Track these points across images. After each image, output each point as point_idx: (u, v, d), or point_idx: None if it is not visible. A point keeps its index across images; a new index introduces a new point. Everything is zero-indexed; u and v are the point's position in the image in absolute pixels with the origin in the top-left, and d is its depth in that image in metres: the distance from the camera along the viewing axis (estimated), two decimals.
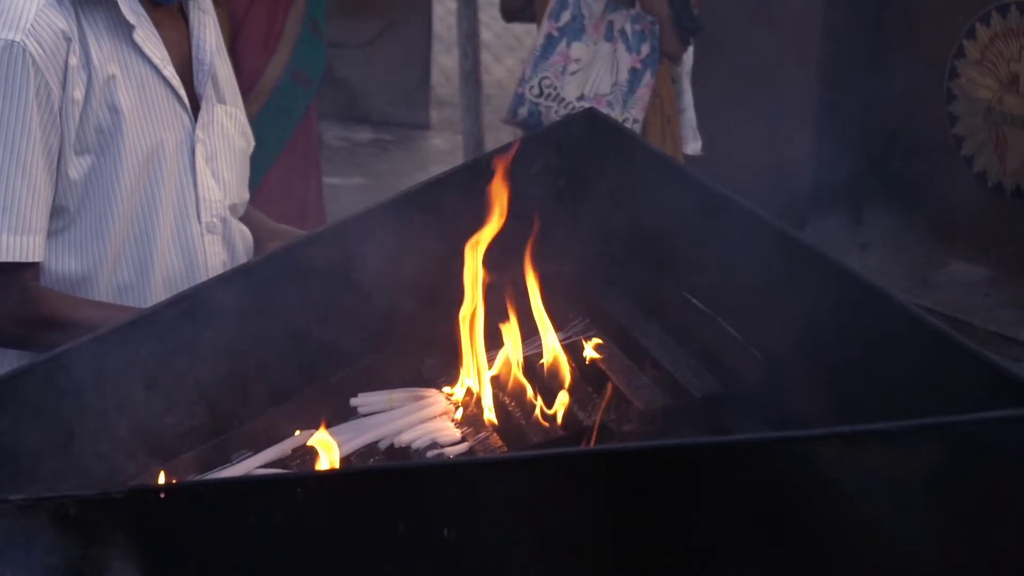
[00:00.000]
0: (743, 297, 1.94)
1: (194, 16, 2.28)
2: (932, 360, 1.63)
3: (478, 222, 1.96)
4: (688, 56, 4.65)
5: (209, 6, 2.33)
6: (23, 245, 2.06)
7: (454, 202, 2.08)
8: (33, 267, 2.10)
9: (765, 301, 1.90)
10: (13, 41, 2.01)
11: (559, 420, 1.90)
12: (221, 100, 2.31)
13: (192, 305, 1.93)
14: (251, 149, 2.41)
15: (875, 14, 5.74)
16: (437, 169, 7.49)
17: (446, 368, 2.08)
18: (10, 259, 2.05)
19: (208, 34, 2.29)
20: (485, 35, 8.05)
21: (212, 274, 2.23)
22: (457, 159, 7.08)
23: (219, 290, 1.97)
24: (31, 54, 2.02)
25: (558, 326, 2.02)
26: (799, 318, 1.85)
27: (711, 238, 1.98)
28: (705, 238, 1.99)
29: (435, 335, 2.08)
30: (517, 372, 1.96)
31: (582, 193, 2.12)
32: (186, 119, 2.22)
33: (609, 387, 1.93)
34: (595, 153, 2.16)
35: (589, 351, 2.02)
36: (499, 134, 6.32)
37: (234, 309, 1.94)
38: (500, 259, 1.95)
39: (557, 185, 2.12)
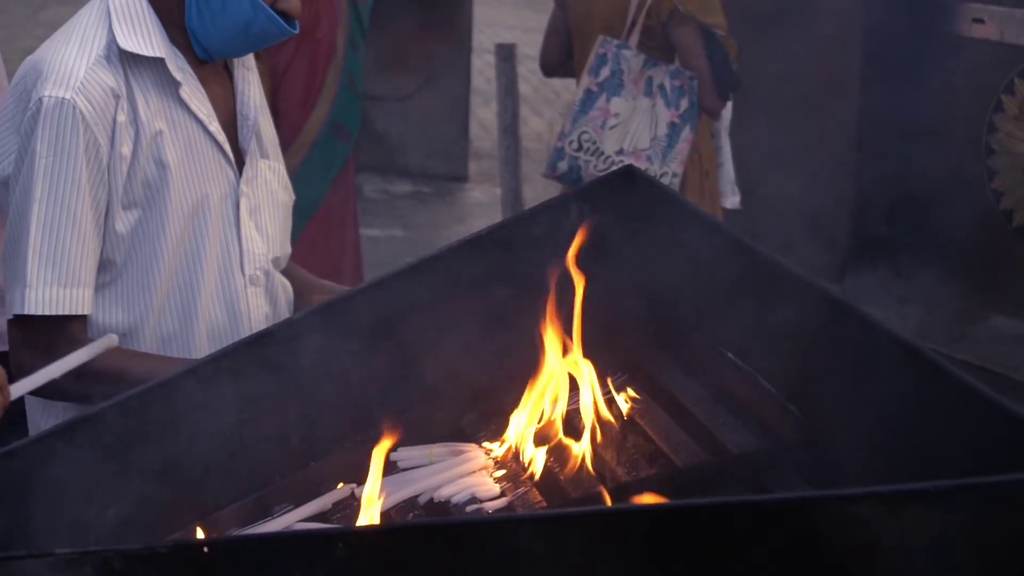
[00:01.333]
0: (781, 354, 1.95)
1: (238, 73, 2.32)
2: (968, 418, 1.63)
3: (519, 279, 1.98)
4: (727, 111, 4.64)
5: (252, 63, 2.37)
6: (72, 298, 2.09)
7: (495, 258, 2.10)
8: (81, 319, 2.13)
9: (803, 359, 1.91)
10: (63, 99, 2.06)
11: (598, 476, 1.91)
12: (264, 155, 2.34)
13: (236, 359, 1.96)
14: (292, 202, 2.44)
15: (914, 66, 5.74)
16: (475, 221, 7.55)
17: (485, 423, 2.09)
18: (60, 312, 2.08)
19: (252, 91, 2.33)
20: (524, 88, 8.10)
21: (255, 326, 2.26)
22: (495, 211, 7.11)
23: (263, 344, 1.99)
24: (81, 111, 2.06)
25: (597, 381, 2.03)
26: (836, 376, 1.86)
27: (748, 295, 1.99)
28: (742, 295, 2.00)
29: (474, 390, 2.10)
30: (557, 427, 1.97)
31: (620, 250, 2.13)
32: (231, 173, 2.26)
33: (648, 443, 1.93)
34: (634, 210, 2.17)
35: (628, 407, 2.03)
36: (537, 187, 6.35)
37: (277, 363, 1.96)
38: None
39: (595, 241, 2.13)
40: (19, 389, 1.91)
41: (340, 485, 1.98)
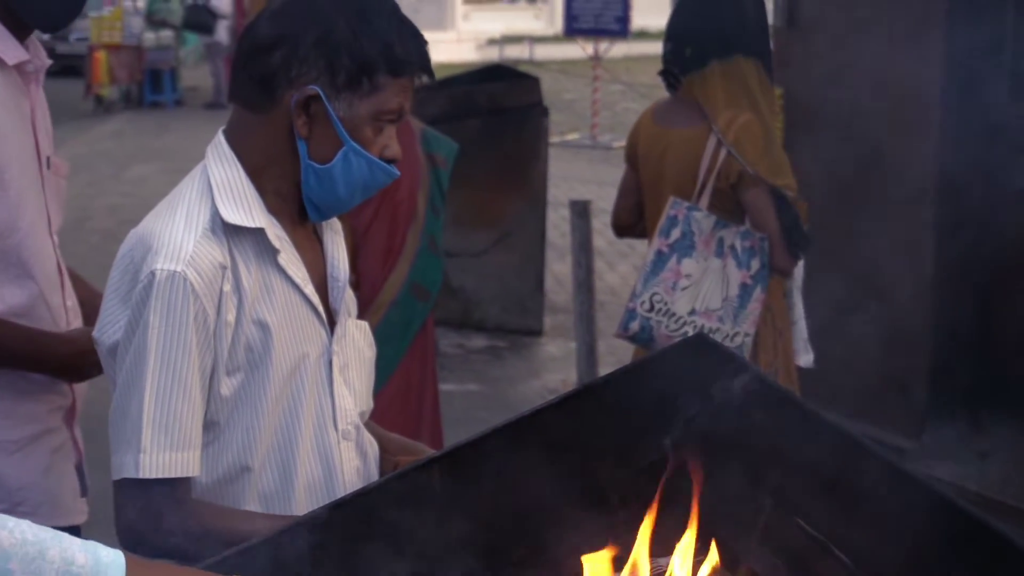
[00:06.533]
0: (854, 524, 1.98)
1: (327, 236, 2.43)
2: None
3: (599, 446, 2.02)
4: (799, 270, 4.62)
5: (338, 225, 2.48)
6: (184, 461, 2.16)
7: (564, 428, 2.15)
8: (187, 481, 2.20)
9: (874, 528, 1.94)
10: (175, 272, 2.15)
11: None
12: (349, 313, 2.45)
13: (325, 519, 1.99)
14: (374, 357, 2.53)
15: (989, 220, 5.73)
16: (550, 376, 7.61)
17: None
18: (173, 475, 2.15)
19: (340, 253, 2.43)
20: (598, 242, 8.19)
21: (348, 480, 2.34)
22: (570, 366, 7.16)
23: (356, 505, 2.02)
24: (191, 283, 2.15)
25: (669, 550, 2.06)
26: (907, 546, 1.89)
27: (821, 465, 2.03)
28: (815, 465, 2.04)
29: (553, 554, 2.13)
30: None
31: (689, 417, 2.17)
32: (323, 333, 2.35)
33: None
34: (704, 378, 2.22)
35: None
36: (612, 342, 6.39)
37: (370, 526, 2.00)
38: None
39: (666, 412, 2.18)
40: None
41: None
